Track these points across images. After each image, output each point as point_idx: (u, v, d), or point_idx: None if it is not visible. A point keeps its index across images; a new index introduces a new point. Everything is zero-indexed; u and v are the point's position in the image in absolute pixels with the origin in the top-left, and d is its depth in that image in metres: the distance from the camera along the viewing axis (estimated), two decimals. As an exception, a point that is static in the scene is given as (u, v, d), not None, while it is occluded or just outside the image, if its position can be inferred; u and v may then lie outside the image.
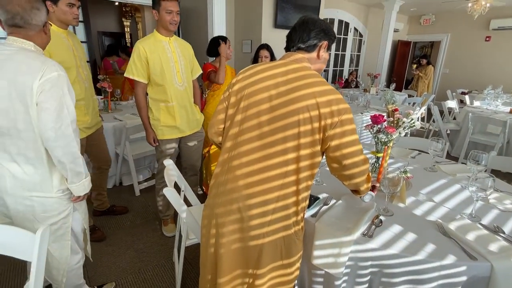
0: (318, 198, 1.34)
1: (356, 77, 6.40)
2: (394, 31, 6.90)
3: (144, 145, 2.88)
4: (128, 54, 5.21)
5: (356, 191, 1.17)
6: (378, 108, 3.86)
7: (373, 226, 1.15)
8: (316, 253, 1.13)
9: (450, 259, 0.97)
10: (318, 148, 0.96)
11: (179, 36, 4.87)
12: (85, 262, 1.88)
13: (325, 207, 1.29)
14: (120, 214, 2.45)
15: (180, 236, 1.88)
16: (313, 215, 1.22)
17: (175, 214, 2.27)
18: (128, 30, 7.54)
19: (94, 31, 4.72)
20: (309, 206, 1.21)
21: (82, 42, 4.68)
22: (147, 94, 1.96)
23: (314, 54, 1.04)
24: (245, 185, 0.95)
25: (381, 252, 1.04)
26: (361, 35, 7.39)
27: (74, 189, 1.23)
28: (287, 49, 1.07)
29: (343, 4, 6.47)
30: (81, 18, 4.54)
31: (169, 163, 1.66)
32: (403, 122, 1.48)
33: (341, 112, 0.93)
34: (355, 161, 0.99)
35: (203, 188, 2.79)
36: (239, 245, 0.99)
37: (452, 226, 1.14)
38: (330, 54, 1.18)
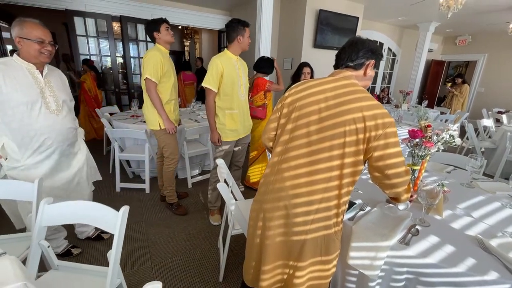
0: (355, 203, 1.29)
1: (387, 94, 6.06)
2: (428, 51, 6.43)
3: (197, 145, 3.02)
4: (189, 69, 5.56)
5: (395, 199, 1.10)
6: (410, 124, 3.61)
7: (410, 235, 1.07)
8: (352, 254, 1.09)
9: (492, 275, 0.87)
10: (361, 157, 0.93)
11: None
12: (148, 240, 2.03)
13: (361, 212, 1.23)
14: (183, 198, 2.65)
15: (226, 226, 1.93)
16: (350, 219, 1.18)
17: (221, 206, 2.34)
18: (187, 49, 8.00)
19: (160, 50, 5.08)
20: (346, 210, 1.17)
21: (152, 58, 5.10)
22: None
23: (361, 72, 1.01)
24: (292, 186, 0.96)
25: (418, 260, 0.96)
26: (394, 55, 7.00)
27: None
28: (336, 66, 1.06)
29: (379, 26, 6.21)
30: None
31: (220, 162, 1.72)
32: (442, 138, 1.37)
33: (386, 125, 0.89)
34: (398, 171, 0.94)
35: (245, 184, 2.88)
36: (283, 238, 0.99)
37: (494, 242, 1.02)
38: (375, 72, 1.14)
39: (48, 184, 1.53)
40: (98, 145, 3.85)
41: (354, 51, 1.00)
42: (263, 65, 2.63)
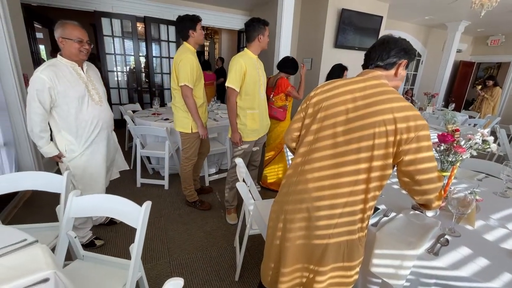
0: (378, 208, 1.24)
1: (411, 96, 5.83)
2: (457, 51, 6.11)
3: (215, 144, 3.05)
4: (210, 69, 5.65)
5: (424, 206, 1.05)
6: (436, 127, 3.45)
7: (439, 245, 1.01)
8: (375, 261, 1.05)
9: (533, 293, 0.80)
10: (390, 161, 0.89)
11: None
12: (166, 235, 2.07)
13: (385, 218, 1.18)
14: (208, 193, 2.73)
15: (243, 225, 1.93)
16: (374, 224, 1.13)
17: (237, 205, 2.35)
18: (207, 49, 8.12)
19: (181, 49, 5.20)
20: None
21: (172, 58, 5.23)
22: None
23: (392, 72, 0.97)
24: (315, 188, 0.93)
25: (448, 272, 0.91)
26: (419, 55, 6.72)
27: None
28: (365, 66, 1.02)
29: (404, 25, 5.98)
30: (173, 39, 5.06)
31: (239, 161, 1.72)
32: (475, 143, 1.29)
33: (418, 128, 0.85)
34: (429, 177, 0.89)
35: (261, 184, 2.87)
36: (303, 241, 0.97)
37: (533, 258, 0.94)
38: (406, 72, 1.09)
39: (101, 164, 1.77)
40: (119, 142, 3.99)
41: (385, 50, 0.95)
42: (288, 65, 2.57)
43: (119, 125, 4.11)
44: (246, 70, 1.92)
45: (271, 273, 1.10)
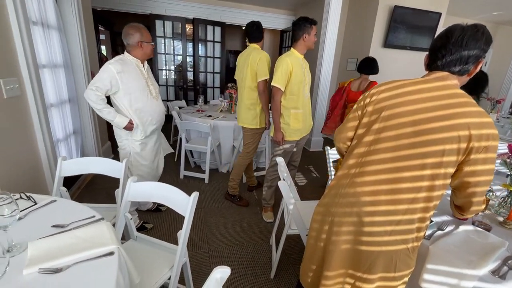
0: (432, 221, 1.15)
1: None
2: (531, 51, 5.33)
3: (254, 143, 3.10)
4: None
5: (459, 208, 0.95)
6: (502, 137, 3.06)
7: (506, 267, 0.91)
8: (426, 276, 0.97)
9: None
10: (454, 170, 0.82)
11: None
12: (206, 227, 2.17)
13: (440, 232, 1.09)
14: (256, 188, 2.84)
15: (279, 224, 1.94)
16: (427, 237, 1.05)
17: (274, 204, 2.36)
18: (248, 49, 8.25)
19: (224, 50, 5.37)
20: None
21: (217, 58, 5.44)
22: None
23: (465, 77, 0.87)
24: (370, 192, 0.89)
25: (518, 299, 0.81)
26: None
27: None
28: (432, 65, 0.90)
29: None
30: (218, 39, 5.26)
31: (280, 160, 1.73)
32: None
33: (490, 138, 0.77)
34: (483, 190, 0.81)
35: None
36: (350, 246, 0.94)
37: None
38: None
39: (151, 154, 1.98)
40: (165, 135, 4.28)
41: (463, 56, 0.82)
42: (374, 65, 2.57)
43: (166, 120, 4.40)
44: (292, 70, 1.92)
45: (311, 275, 1.09)
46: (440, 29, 4.25)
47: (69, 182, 2.45)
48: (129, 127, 1.79)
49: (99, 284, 0.74)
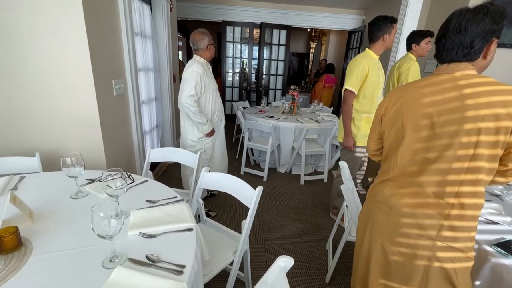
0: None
1: None
2: None
3: (314, 145, 3.08)
4: (333, 72, 5.66)
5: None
6: None
7: None
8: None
9: None
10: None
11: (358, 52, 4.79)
12: (263, 222, 2.26)
13: None
14: None
15: (337, 230, 1.90)
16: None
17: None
18: (312, 51, 8.15)
19: (287, 52, 5.44)
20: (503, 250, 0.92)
21: (280, 60, 5.55)
22: None
23: (479, 59, 0.79)
24: (416, 204, 0.84)
25: None
26: None
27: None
28: (441, 59, 0.84)
29: None
30: (283, 42, 5.35)
31: (343, 165, 1.69)
32: None
33: None
34: None
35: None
36: (397, 258, 0.89)
37: None
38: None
39: (221, 147, 2.28)
40: (227, 134, 4.58)
41: (464, 42, 0.76)
42: None
43: (230, 119, 4.71)
44: (368, 72, 1.84)
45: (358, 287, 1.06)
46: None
47: (151, 168, 2.86)
48: (212, 133, 2.07)
49: (182, 253, 0.87)
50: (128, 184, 1.29)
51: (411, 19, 3.34)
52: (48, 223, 0.98)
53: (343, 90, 1.93)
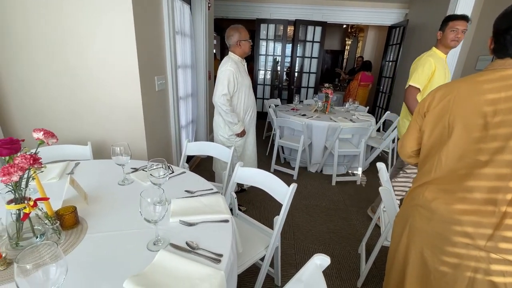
0: None
1: None
2: None
3: (347, 145, 2.97)
4: (370, 70, 5.43)
5: None
6: None
7: None
8: None
9: None
10: None
11: (399, 51, 4.51)
12: (293, 221, 2.25)
13: None
14: None
15: (372, 233, 1.82)
16: None
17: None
18: (348, 48, 7.84)
19: (322, 50, 5.29)
20: None
21: (314, 58, 5.42)
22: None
23: None
24: (459, 211, 0.77)
25: None
26: None
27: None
28: (496, 52, 0.79)
29: None
30: (318, 39, 5.22)
31: (381, 166, 1.61)
32: None
33: None
34: None
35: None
36: (439, 266, 0.82)
37: None
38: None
39: (253, 144, 2.31)
40: (257, 132, 4.61)
41: None
42: None
43: (261, 117, 4.74)
44: (435, 70, 1.76)
45: None
46: None
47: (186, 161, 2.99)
48: (243, 134, 2.09)
49: (219, 243, 0.90)
50: (169, 174, 1.37)
51: (461, 12, 3.05)
52: (100, 205, 1.08)
53: (406, 87, 1.85)
